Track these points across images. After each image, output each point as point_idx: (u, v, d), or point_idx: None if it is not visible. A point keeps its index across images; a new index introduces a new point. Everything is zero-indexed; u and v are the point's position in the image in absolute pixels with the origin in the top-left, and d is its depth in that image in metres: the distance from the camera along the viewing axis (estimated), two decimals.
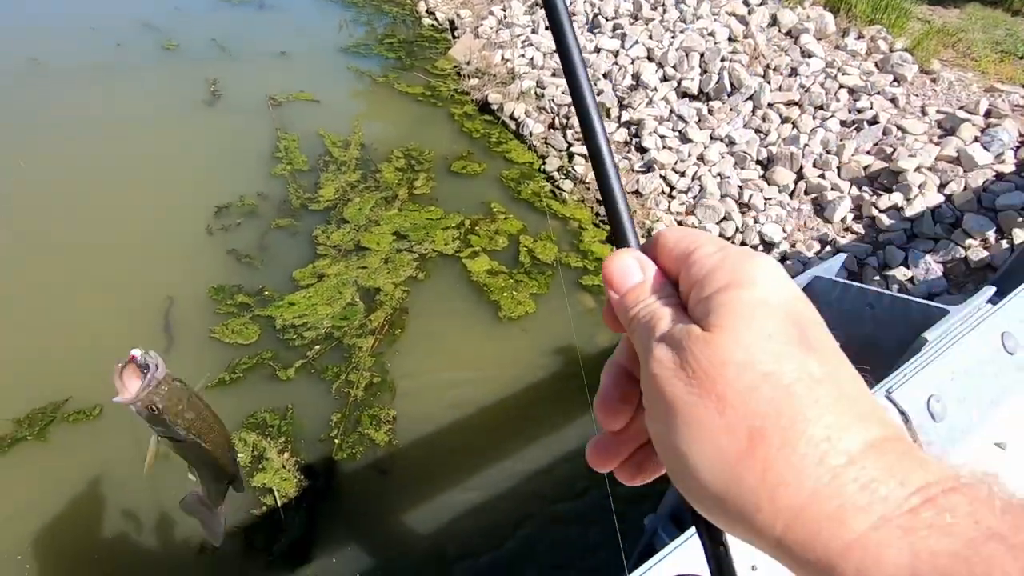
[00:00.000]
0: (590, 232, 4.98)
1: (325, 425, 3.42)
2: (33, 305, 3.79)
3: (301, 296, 4.11)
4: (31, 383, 3.34)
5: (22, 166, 4.78)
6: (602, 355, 4.09)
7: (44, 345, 3.56)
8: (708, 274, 0.34)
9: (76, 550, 2.82)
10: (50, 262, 4.07)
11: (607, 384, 0.41)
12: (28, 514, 2.82)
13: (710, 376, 0.31)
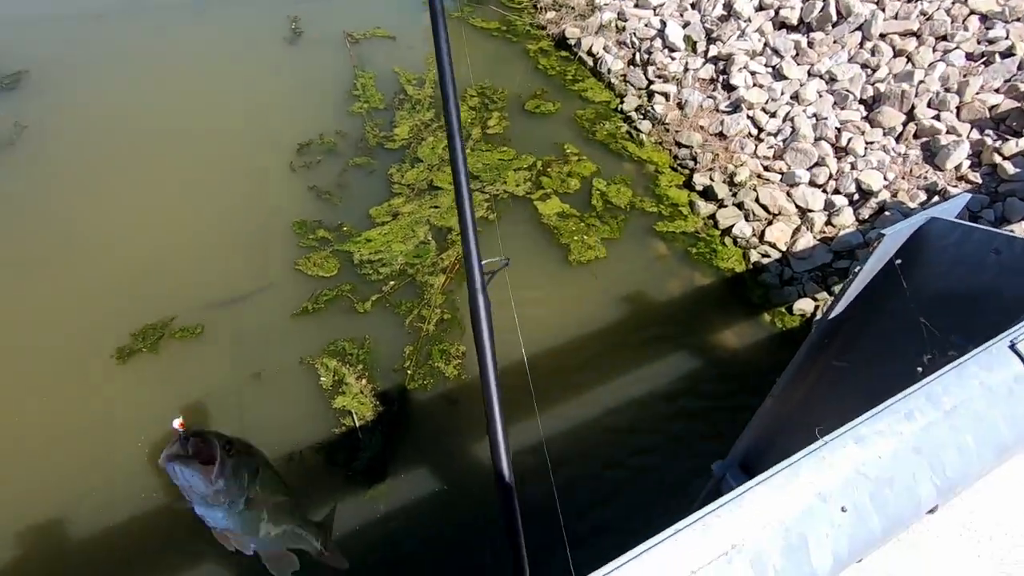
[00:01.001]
0: (667, 176, 4.76)
1: (399, 356, 3.59)
2: (140, 232, 4.14)
3: (377, 233, 4.24)
4: (144, 304, 3.68)
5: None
6: (673, 304, 4.00)
7: (153, 269, 3.90)
8: None
9: None
10: (155, 193, 4.40)
11: None
12: (148, 418, 3.19)
13: None
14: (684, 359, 3.72)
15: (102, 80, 5.33)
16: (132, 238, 4.09)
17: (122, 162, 4.59)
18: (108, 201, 4.32)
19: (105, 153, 4.66)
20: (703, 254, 4.25)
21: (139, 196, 4.37)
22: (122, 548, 2.84)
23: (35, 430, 3.16)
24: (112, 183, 4.44)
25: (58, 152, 4.62)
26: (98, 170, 4.52)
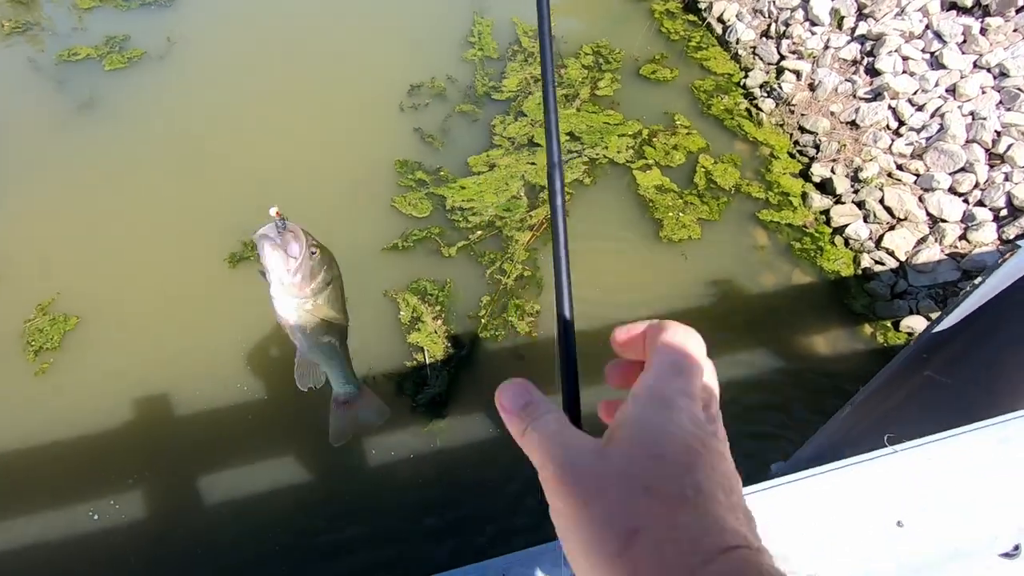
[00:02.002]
0: (782, 162, 4.42)
1: (475, 304, 3.70)
2: (262, 149, 4.48)
3: (472, 182, 4.31)
4: (259, 215, 4.02)
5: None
6: (764, 298, 3.78)
7: (269, 184, 4.23)
8: (643, 387, 0.42)
9: (279, 380, 3.50)
10: (278, 113, 4.72)
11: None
12: (248, 319, 3.54)
13: (597, 485, 0.37)
14: (764, 355, 3.54)
15: (247, 2, 5.71)
16: (254, 153, 4.44)
17: (254, 81, 4.94)
18: (238, 117, 4.70)
19: (241, 70, 5.03)
20: (808, 251, 3.95)
21: (264, 115, 4.71)
22: (212, 429, 3.22)
23: (149, 312, 3.61)
24: (243, 99, 4.81)
25: (202, 67, 5.05)
26: (233, 86, 4.91)
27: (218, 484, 3.07)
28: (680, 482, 0.36)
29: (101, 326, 3.55)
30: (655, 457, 0.37)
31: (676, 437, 0.38)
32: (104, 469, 3.07)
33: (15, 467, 3.09)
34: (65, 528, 2.92)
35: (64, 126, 4.59)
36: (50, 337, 3.46)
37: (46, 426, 3.19)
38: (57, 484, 3.04)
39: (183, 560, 2.86)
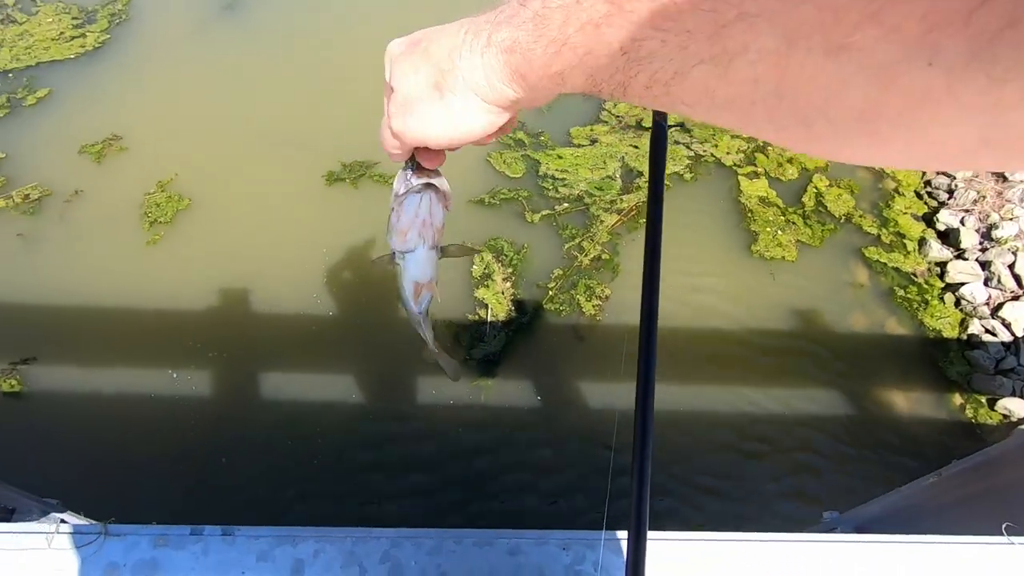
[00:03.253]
0: (906, 200, 4.06)
1: (547, 275, 3.67)
2: (371, 80, 4.55)
3: (570, 153, 4.23)
4: (361, 141, 4.09)
5: None
6: (851, 338, 3.54)
7: (375, 111, 4.31)
8: None
9: (347, 301, 3.63)
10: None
11: None
12: (333, 237, 3.68)
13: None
14: (836, 396, 3.33)
15: None
16: (368, 81, 4.52)
17: (385, 9, 5.00)
18: (364, 42, 4.79)
19: (378, 2, 5.10)
20: (911, 301, 3.65)
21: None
22: (280, 329, 3.40)
23: (249, 209, 3.81)
24: (373, 28, 4.88)
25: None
26: (367, 15, 4.99)
27: (273, 382, 3.26)
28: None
29: (207, 212, 3.80)
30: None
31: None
32: (185, 341, 3.33)
33: (116, 320, 3.40)
34: (145, 383, 3.20)
35: (205, 23, 4.83)
36: (165, 212, 3.76)
37: (147, 291, 3.48)
38: (147, 342, 3.32)
39: (231, 443, 3.07)
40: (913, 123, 0.28)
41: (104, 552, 1.19)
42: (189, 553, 1.21)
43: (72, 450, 3.01)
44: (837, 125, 0.31)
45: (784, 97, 0.32)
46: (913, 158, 0.32)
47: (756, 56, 0.31)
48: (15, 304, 3.44)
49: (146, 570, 1.18)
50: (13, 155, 4.00)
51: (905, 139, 0.30)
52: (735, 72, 0.33)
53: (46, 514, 1.56)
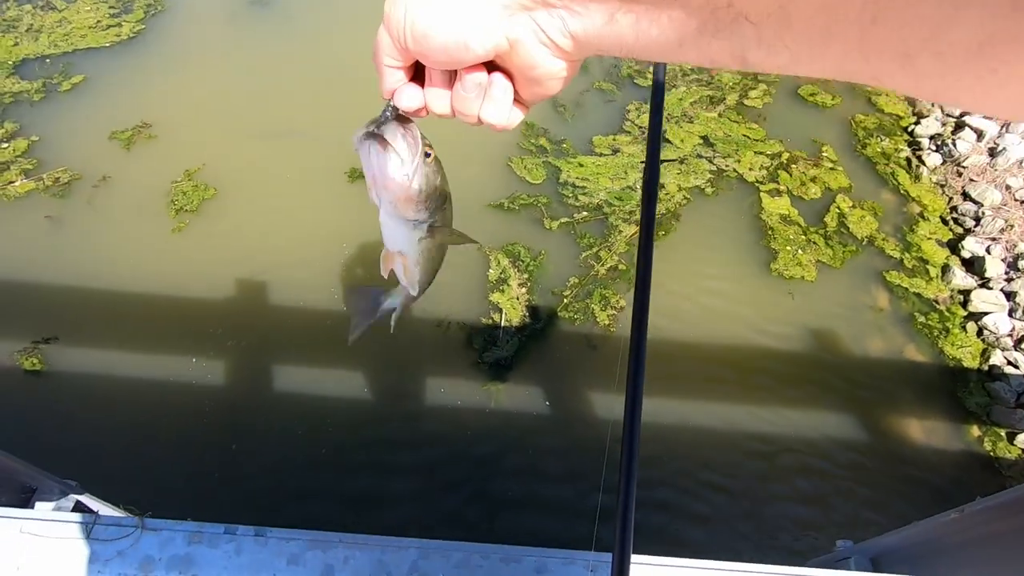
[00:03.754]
0: (931, 225, 4.00)
1: (562, 283, 3.67)
2: None
3: (591, 161, 4.23)
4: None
5: None
6: (868, 363, 3.49)
7: None
8: None
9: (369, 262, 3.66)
10: None
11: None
12: (350, 232, 3.71)
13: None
14: (850, 422, 3.29)
15: None
16: None
17: None
18: None
19: None
20: (931, 328, 3.59)
21: None
22: (295, 321, 3.44)
23: (272, 202, 3.86)
24: None
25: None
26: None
27: (286, 374, 3.29)
28: None
29: (232, 202, 3.85)
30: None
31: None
32: (203, 329, 3.37)
33: (137, 304, 3.46)
34: (161, 367, 3.25)
35: (236, 16, 4.91)
36: (191, 200, 3.82)
37: (170, 278, 3.53)
38: (165, 328, 3.37)
39: (242, 431, 3.11)
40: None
41: (140, 546, 1.21)
42: (222, 552, 1.23)
43: (87, 430, 3.06)
44: (946, 60, 0.26)
45: (878, 23, 0.27)
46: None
47: None
48: (40, 284, 3.51)
49: (181, 565, 1.20)
50: (46, 138, 4.09)
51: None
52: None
53: (65, 495, 1.59)
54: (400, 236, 0.79)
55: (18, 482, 1.48)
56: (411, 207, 0.74)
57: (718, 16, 0.33)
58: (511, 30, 0.45)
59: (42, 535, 1.19)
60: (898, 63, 0.27)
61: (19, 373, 3.22)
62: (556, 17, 0.43)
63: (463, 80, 0.51)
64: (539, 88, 0.51)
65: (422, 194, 0.74)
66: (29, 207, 3.79)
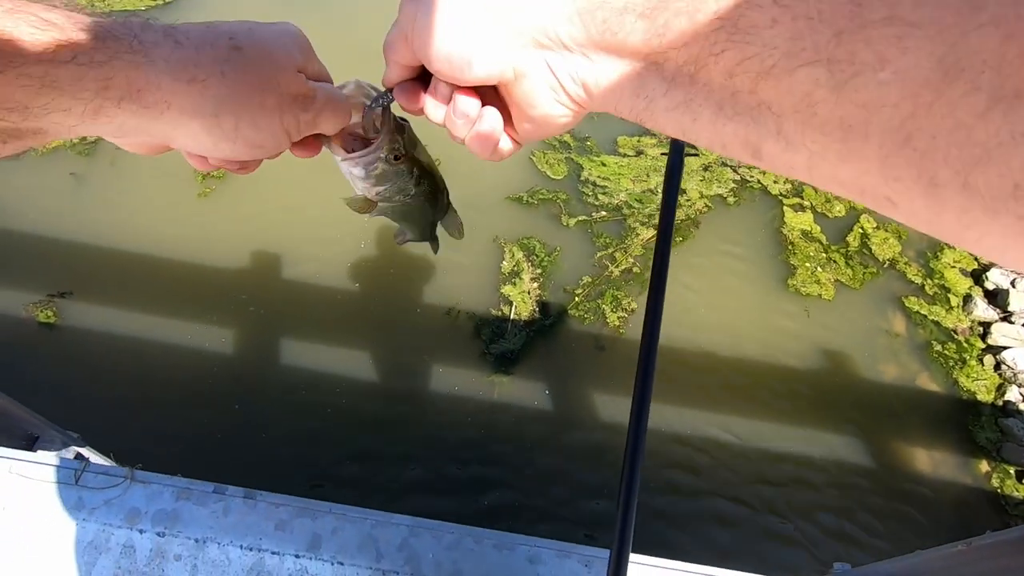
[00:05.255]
0: (955, 253, 3.91)
1: (575, 281, 3.65)
2: None
3: (614, 161, 4.19)
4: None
5: None
6: (879, 388, 3.43)
7: None
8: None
9: (387, 274, 3.66)
10: None
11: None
12: (367, 234, 3.71)
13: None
14: (854, 446, 3.23)
15: None
16: None
17: None
18: None
19: None
20: (947, 358, 3.51)
21: None
22: (306, 296, 3.45)
23: (299, 174, 3.87)
24: None
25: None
26: None
27: (296, 347, 3.31)
28: None
29: (261, 172, 3.85)
30: None
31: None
32: (218, 294, 3.40)
33: (155, 265, 3.50)
34: (173, 329, 3.28)
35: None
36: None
37: (191, 242, 3.56)
38: (180, 290, 3.40)
39: (244, 394, 3.13)
40: None
41: (128, 497, 1.21)
42: (210, 511, 1.23)
43: (94, 384, 3.10)
44: (976, 196, 0.23)
45: (913, 141, 0.24)
46: None
47: (893, 77, 0.24)
48: (60, 239, 3.56)
49: (166, 521, 1.20)
50: None
51: None
52: (855, 89, 0.25)
53: (67, 445, 1.60)
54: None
55: (22, 429, 1.50)
56: (359, 186, 0.76)
57: (738, 99, 0.31)
58: (520, 63, 0.43)
59: (31, 477, 1.19)
60: (921, 190, 0.25)
61: (33, 324, 3.27)
62: (571, 62, 0.40)
63: (455, 102, 0.49)
64: (533, 128, 0.50)
65: (372, 188, 0.75)
66: (56, 162, 3.84)
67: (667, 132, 0.37)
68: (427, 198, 0.84)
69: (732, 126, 0.32)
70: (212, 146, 0.51)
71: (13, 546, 1.12)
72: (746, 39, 0.29)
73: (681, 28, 0.31)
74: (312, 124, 0.57)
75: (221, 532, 1.19)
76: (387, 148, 0.70)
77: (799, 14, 0.26)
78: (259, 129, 0.52)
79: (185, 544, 1.15)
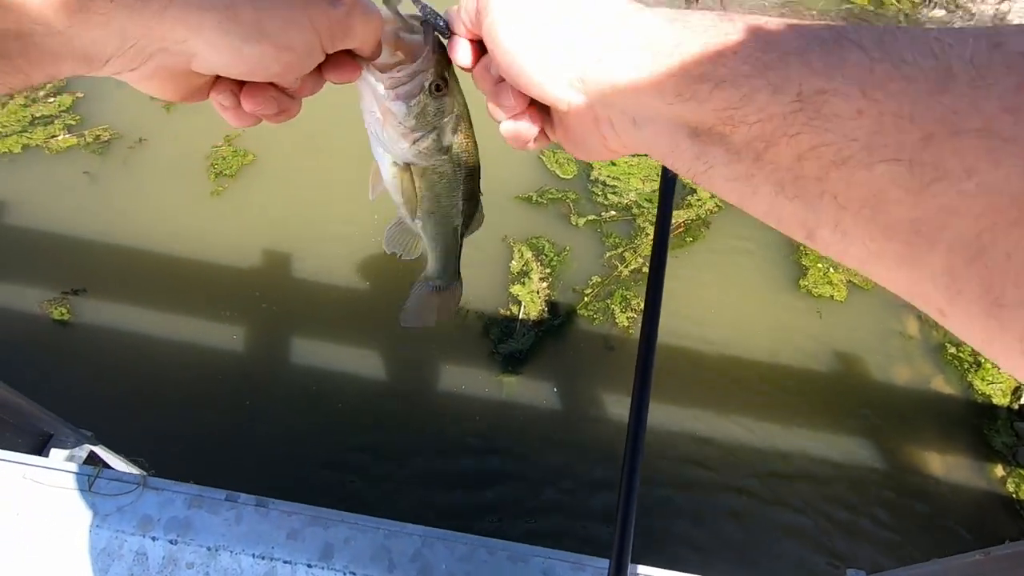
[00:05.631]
0: None
1: (584, 281, 3.63)
2: None
3: (623, 161, 4.16)
4: None
5: None
6: (891, 390, 3.40)
7: None
8: None
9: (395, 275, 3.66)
10: None
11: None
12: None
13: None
14: (866, 448, 3.20)
15: None
16: None
17: None
18: None
19: None
20: (961, 360, 3.47)
21: None
22: (314, 295, 3.47)
23: (307, 175, 3.88)
24: None
25: None
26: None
27: (300, 346, 3.32)
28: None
29: (269, 170, 3.89)
30: None
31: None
32: (229, 292, 3.42)
33: (167, 262, 3.52)
34: (184, 326, 3.31)
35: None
36: (230, 165, 3.87)
37: (203, 240, 3.59)
38: (191, 288, 3.43)
39: (254, 393, 3.15)
40: None
41: (141, 503, 1.22)
42: (222, 519, 1.24)
43: (106, 381, 3.13)
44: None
45: (985, 257, 0.23)
46: None
47: (978, 189, 0.23)
48: (74, 237, 3.60)
49: (179, 528, 1.21)
50: (91, 96, 4.17)
51: None
52: (934, 194, 0.24)
53: (80, 444, 1.62)
54: (376, 146, 0.70)
55: (36, 427, 1.52)
56: (391, 129, 0.63)
57: (801, 184, 0.30)
58: (575, 100, 0.42)
59: (44, 483, 1.21)
60: (983, 308, 0.24)
61: (47, 321, 3.31)
62: (630, 117, 0.39)
63: (503, 93, 0.48)
64: (573, 149, 0.50)
65: (410, 135, 0.63)
66: (70, 161, 3.88)
67: (724, 198, 0.36)
68: (467, 165, 0.71)
69: (791, 208, 0.31)
70: (234, 53, 0.42)
71: (27, 552, 1.14)
72: (826, 126, 0.27)
73: (759, 104, 0.30)
74: (344, 25, 0.48)
75: (233, 540, 1.20)
76: (434, 71, 0.59)
77: (887, 111, 0.25)
78: (284, 22, 0.43)
79: (197, 552, 1.16)
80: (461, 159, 0.70)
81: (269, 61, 0.44)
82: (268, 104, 0.51)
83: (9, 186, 3.72)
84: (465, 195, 0.77)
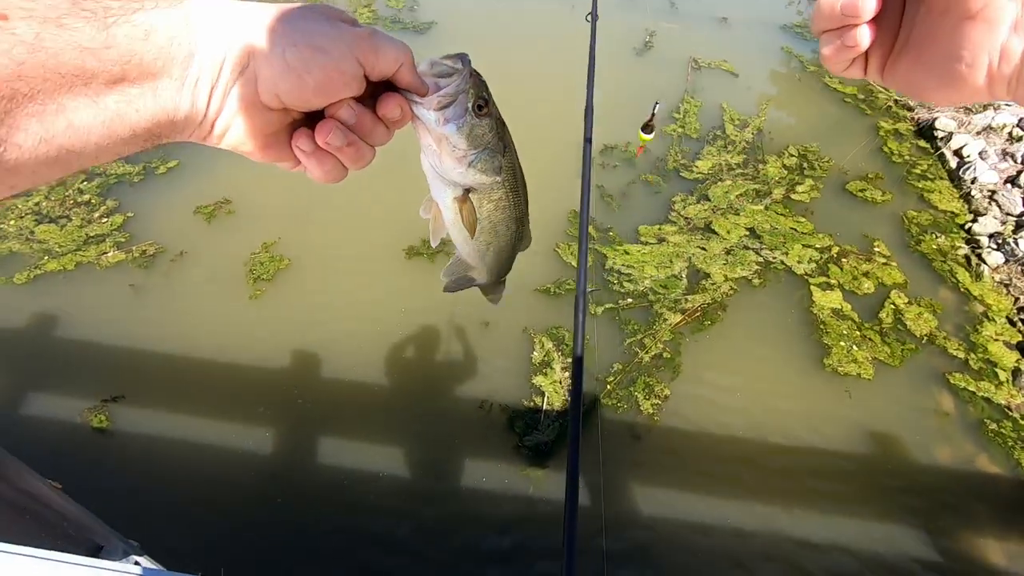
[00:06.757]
0: (996, 327, 3.83)
1: (606, 369, 3.67)
2: None
3: (637, 250, 4.33)
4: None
5: None
6: (935, 472, 3.26)
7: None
8: None
9: (409, 378, 3.76)
10: None
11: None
12: (407, 305, 3.86)
13: None
14: (915, 538, 3.02)
15: (488, 36, 6.40)
16: None
17: None
18: None
19: None
20: (1005, 437, 3.34)
21: None
22: (341, 393, 3.54)
23: (337, 279, 4.09)
24: None
25: None
26: None
27: (325, 448, 3.35)
28: None
29: (302, 274, 4.12)
30: None
31: None
32: (264, 393, 3.51)
33: (205, 367, 3.66)
34: (220, 431, 3.37)
35: None
36: (267, 270, 4.11)
37: (246, 343, 3.74)
38: (230, 391, 3.54)
39: (282, 494, 3.14)
40: None
41: None
42: None
43: (146, 490, 3.17)
44: None
45: None
46: None
47: None
48: (115, 346, 3.79)
49: None
50: (139, 215, 4.55)
51: None
52: None
53: (128, 555, 1.65)
54: (435, 185, 0.75)
55: (90, 539, 1.56)
56: (447, 156, 0.68)
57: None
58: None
59: None
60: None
61: (87, 430, 3.41)
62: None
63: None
64: (922, 72, 0.50)
65: (465, 158, 0.67)
66: (117, 275, 4.16)
67: None
68: (517, 186, 0.75)
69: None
70: (279, 60, 0.51)
71: None
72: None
73: None
74: (371, 42, 0.54)
75: None
76: (473, 91, 0.63)
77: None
78: (316, 32, 0.52)
79: None
80: (511, 180, 0.75)
81: (312, 65, 0.51)
82: (336, 135, 0.57)
83: (62, 301, 3.99)
84: (517, 215, 0.83)
